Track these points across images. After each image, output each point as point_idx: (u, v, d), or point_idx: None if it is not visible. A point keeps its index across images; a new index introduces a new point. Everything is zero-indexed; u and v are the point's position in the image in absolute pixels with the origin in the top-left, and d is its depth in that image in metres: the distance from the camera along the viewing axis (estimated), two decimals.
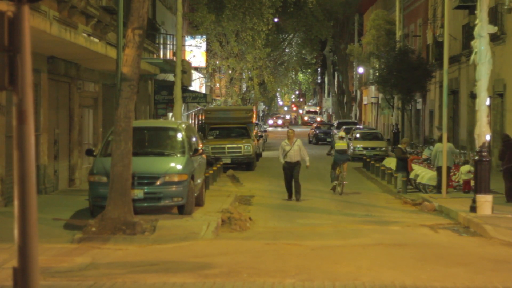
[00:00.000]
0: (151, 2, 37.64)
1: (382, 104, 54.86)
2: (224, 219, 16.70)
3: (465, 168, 23.55)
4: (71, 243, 13.84)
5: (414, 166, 27.40)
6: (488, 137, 18.09)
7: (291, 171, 21.98)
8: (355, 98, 79.79)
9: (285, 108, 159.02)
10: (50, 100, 22.05)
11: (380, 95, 53.93)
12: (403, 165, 24.77)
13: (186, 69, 35.22)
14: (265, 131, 65.57)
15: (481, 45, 17.91)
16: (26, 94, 4.95)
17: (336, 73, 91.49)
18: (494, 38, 27.39)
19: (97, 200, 16.62)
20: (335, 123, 63.72)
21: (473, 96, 27.92)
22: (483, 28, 17.89)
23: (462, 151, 28.11)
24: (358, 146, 42.05)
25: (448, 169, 23.04)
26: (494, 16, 28.37)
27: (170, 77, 38.41)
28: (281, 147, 22.20)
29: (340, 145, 25.56)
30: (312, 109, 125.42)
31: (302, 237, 15.09)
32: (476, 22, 18.06)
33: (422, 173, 24.90)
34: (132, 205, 15.21)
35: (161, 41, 42.81)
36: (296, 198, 22.02)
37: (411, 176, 25.78)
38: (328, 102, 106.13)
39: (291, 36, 63.72)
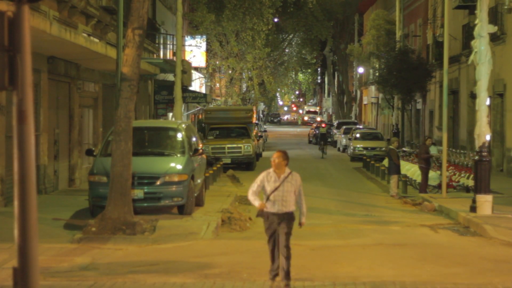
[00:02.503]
0: (151, 2, 37.64)
1: (382, 104, 54.83)
2: (224, 219, 16.70)
3: (435, 174, 23.70)
4: (71, 243, 13.84)
5: (408, 164, 27.37)
6: (488, 137, 18.10)
7: (276, 229, 10.67)
8: (355, 98, 79.77)
9: (285, 108, 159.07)
10: (50, 100, 22.04)
11: (380, 95, 53.91)
12: (397, 167, 23.62)
13: (186, 69, 35.23)
14: (265, 131, 65.57)
15: (481, 45, 17.91)
16: (26, 94, 4.96)
17: (336, 73, 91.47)
18: (494, 38, 27.38)
19: (97, 200, 16.63)
20: (335, 123, 63.72)
21: (473, 96, 27.91)
22: (483, 28, 17.89)
23: (461, 151, 28.10)
24: (358, 146, 42.05)
25: (422, 168, 23.15)
26: (494, 16, 28.35)
27: (170, 77, 38.40)
28: (260, 181, 10.69)
29: (322, 130, 50.00)
30: (312, 109, 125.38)
31: (302, 237, 15.08)
32: (476, 22, 18.06)
33: (417, 171, 24.81)
34: (132, 205, 15.22)
35: (161, 41, 42.80)
36: (282, 277, 10.51)
37: (409, 175, 25.77)
38: (328, 102, 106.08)
39: (291, 36, 63.74)
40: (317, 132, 65.33)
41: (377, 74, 48.19)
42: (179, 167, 17.40)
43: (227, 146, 33.97)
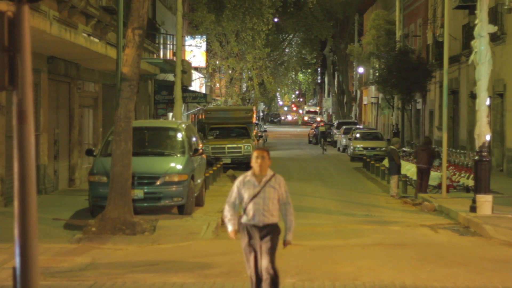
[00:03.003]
0: (151, 2, 37.64)
1: (382, 104, 54.84)
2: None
3: (436, 174, 23.61)
4: (71, 243, 13.85)
5: (408, 164, 27.31)
6: (488, 137, 18.09)
7: (257, 246, 8.60)
8: (355, 98, 79.77)
9: (285, 108, 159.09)
10: (50, 100, 22.05)
11: (380, 95, 53.91)
12: (398, 167, 23.64)
13: (186, 69, 35.23)
14: (265, 131, 65.59)
15: (481, 45, 17.90)
16: (26, 94, 4.96)
17: (336, 73, 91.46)
18: (494, 38, 27.37)
19: (97, 200, 16.63)
20: (335, 123, 63.80)
21: (473, 96, 27.90)
22: (483, 28, 17.88)
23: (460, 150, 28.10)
24: (358, 146, 42.05)
25: (428, 169, 23.07)
26: (494, 16, 28.35)
27: (170, 77, 38.41)
28: (236, 187, 8.71)
29: (322, 128, 57.82)
30: (312, 109, 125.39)
31: (302, 237, 15.09)
32: (476, 22, 18.06)
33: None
34: (132, 205, 15.22)
35: (161, 41, 42.81)
36: None
37: (409, 175, 25.74)
38: (328, 102, 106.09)
39: (291, 36, 63.73)
40: (316, 132, 65.67)
41: (377, 74, 48.20)
42: (179, 167, 17.39)
43: (227, 146, 33.98)
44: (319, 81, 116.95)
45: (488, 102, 18.53)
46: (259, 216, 8.49)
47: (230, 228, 8.59)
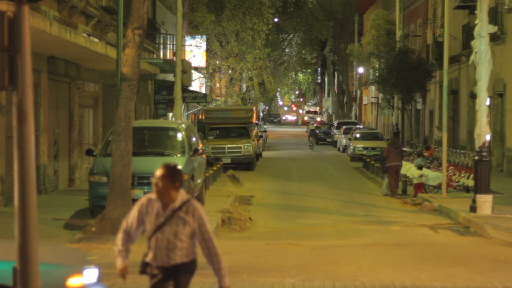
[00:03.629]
0: (151, 2, 37.63)
1: (382, 104, 54.86)
2: (224, 219, 16.70)
3: (419, 172, 23.53)
4: (71, 243, 13.85)
5: (408, 164, 27.32)
6: (488, 137, 18.10)
7: None
8: (355, 98, 79.76)
9: (285, 108, 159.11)
10: (50, 100, 22.05)
11: (380, 95, 53.92)
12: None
13: (186, 69, 35.23)
14: (265, 131, 65.60)
15: (481, 45, 17.91)
16: (26, 94, 4.95)
17: (336, 73, 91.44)
18: (494, 38, 27.36)
19: (97, 200, 16.64)
20: (335, 123, 63.83)
21: (473, 96, 27.90)
22: (483, 28, 17.89)
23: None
24: (358, 146, 42.06)
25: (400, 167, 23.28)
26: (494, 16, 28.34)
27: (170, 77, 38.41)
28: (137, 211, 6.61)
29: (312, 127, 62.76)
30: (312, 109, 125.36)
31: (302, 237, 15.10)
32: (476, 22, 18.07)
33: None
34: (132, 205, 15.22)
35: (161, 41, 42.81)
36: None
37: (409, 175, 25.73)
38: (328, 102, 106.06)
39: (291, 36, 63.73)
40: (317, 132, 65.85)
41: (377, 74, 48.21)
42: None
43: (227, 146, 33.98)
44: (319, 81, 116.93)
45: (488, 102, 18.54)
46: (163, 256, 6.46)
47: (118, 263, 6.69)
